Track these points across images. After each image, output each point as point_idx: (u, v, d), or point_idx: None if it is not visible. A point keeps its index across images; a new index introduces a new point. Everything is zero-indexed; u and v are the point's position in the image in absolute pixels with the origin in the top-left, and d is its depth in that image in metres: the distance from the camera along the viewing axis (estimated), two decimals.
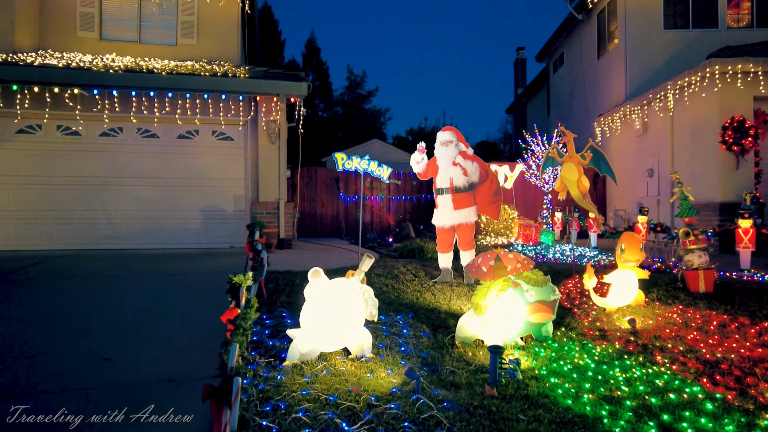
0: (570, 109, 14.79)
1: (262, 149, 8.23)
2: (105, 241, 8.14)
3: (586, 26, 13.36)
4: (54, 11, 10.02)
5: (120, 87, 7.49)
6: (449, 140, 5.90)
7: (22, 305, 4.26)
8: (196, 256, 7.24)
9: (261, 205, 8.16)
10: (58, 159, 8.07)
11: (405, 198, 13.31)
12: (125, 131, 8.26)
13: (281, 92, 7.94)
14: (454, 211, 5.83)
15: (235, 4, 10.74)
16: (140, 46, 10.33)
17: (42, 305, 4.26)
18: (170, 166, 8.39)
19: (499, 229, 10.70)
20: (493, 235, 10.71)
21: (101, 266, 6.25)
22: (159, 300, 4.59)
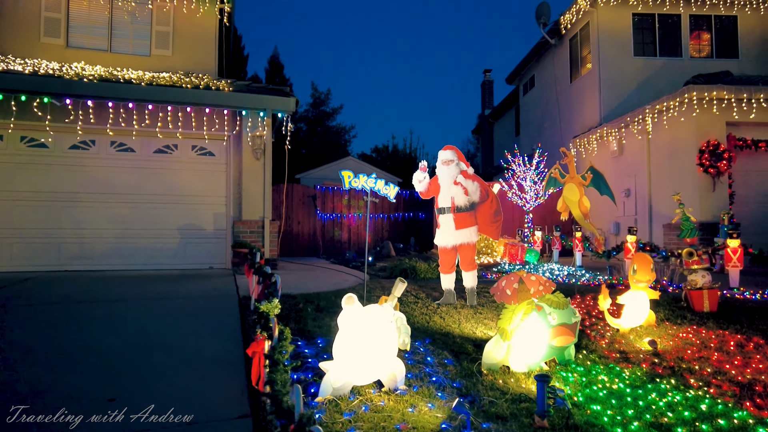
0: (541, 130, 15.14)
1: (247, 165, 7.89)
2: (73, 261, 7.53)
3: (559, 51, 13.78)
4: (14, 15, 9.41)
5: (95, 97, 7.01)
6: (450, 159, 5.81)
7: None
8: (177, 278, 6.79)
9: (245, 224, 7.79)
10: (22, 173, 7.45)
11: (383, 216, 13.16)
12: (98, 144, 7.73)
13: (268, 107, 7.67)
14: (455, 231, 5.73)
15: (213, 16, 10.44)
16: (111, 55, 9.82)
17: (22, 338, 3.79)
18: (146, 182, 7.91)
19: (481, 247, 10.68)
20: (479, 254, 10.68)
21: (77, 290, 5.73)
22: (149, 329, 4.19)
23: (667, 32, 11.75)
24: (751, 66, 11.66)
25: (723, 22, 11.89)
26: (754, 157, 8.84)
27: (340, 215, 12.72)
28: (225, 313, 4.76)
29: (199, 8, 10.26)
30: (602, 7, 11.55)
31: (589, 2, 11.62)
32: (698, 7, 11.63)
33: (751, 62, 11.71)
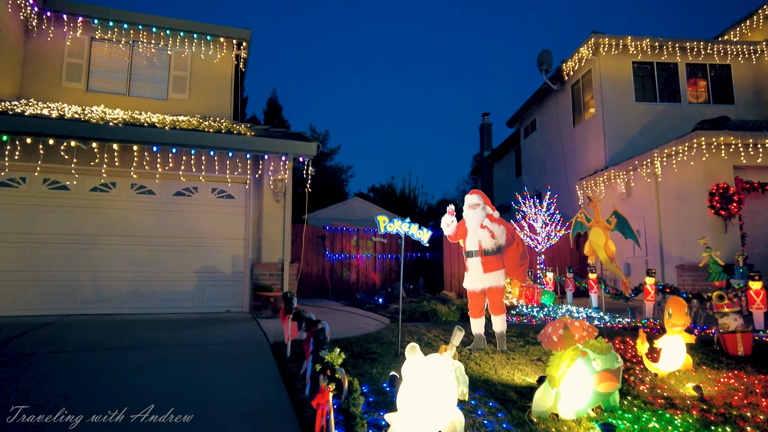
0: (544, 172, 15.43)
1: (267, 208, 7.94)
2: (88, 305, 7.42)
3: (561, 96, 14.23)
4: (39, 61, 9.62)
5: (121, 140, 7.10)
6: (476, 203, 5.90)
7: (36, 388, 3.70)
8: (199, 323, 6.69)
9: (264, 266, 7.76)
10: (42, 215, 7.43)
11: (390, 256, 13.15)
12: (119, 186, 7.77)
13: (290, 151, 7.79)
14: (483, 275, 5.75)
15: (229, 62, 10.73)
16: (129, 98, 10.02)
17: (60, 388, 3.70)
18: (165, 225, 7.90)
19: None
20: None
21: (102, 336, 5.62)
22: (188, 377, 4.10)
23: (666, 79, 12.22)
24: (746, 111, 12.11)
25: (717, 70, 12.42)
26: (761, 199, 9.06)
27: (348, 256, 12.71)
28: (261, 361, 4.68)
29: (217, 54, 10.56)
30: (603, 56, 12.04)
31: (591, 51, 12.11)
32: (694, 56, 12.15)
33: (746, 108, 12.16)
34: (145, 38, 10.20)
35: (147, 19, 10.18)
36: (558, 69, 13.70)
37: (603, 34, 12.00)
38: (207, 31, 10.49)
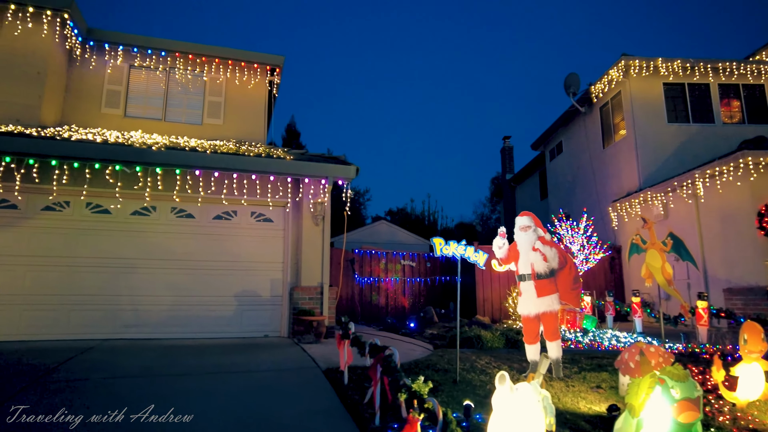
0: (572, 195, 15.26)
1: (306, 231, 7.88)
2: (128, 329, 7.35)
3: (589, 118, 14.16)
4: (80, 89, 9.84)
5: (165, 164, 7.14)
6: (527, 225, 5.78)
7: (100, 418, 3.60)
8: (242, 348, 6.58)
9: (303, 290, 7.66)
10: (84, 238, 7.45)
11: (420, 280, 12.98)
12: (159, 210, 7.79)
13: (330, 175, 7.77)
14: (537, 299, 5.59)
15: (263, 87, 10.87)
16: (165, 123, 10.16)
17: (122, 420, 3.59)
18: (204, 248, 7.88)
19: None
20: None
21: (149, 362, 5.53)
22: (247, 409, 3.95)
23: (698, 100, 12.10)
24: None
25: (750, 90, 12.27)
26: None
27: (377, 279, 12.57)
28: (317, 389, 4.54)
29: (251, 80, 10.71)
30: (634, 77, 11.98)
31: (621, 73, 12.07)
32: (726, 76, 12.04)
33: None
34: (181, 65, 10.40)
35: (183, 47, 10.39)
36: (586, 91, 13.66)
37: (633, 57, 11.96)
38: (241, 58, 10.66)
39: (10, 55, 8.81)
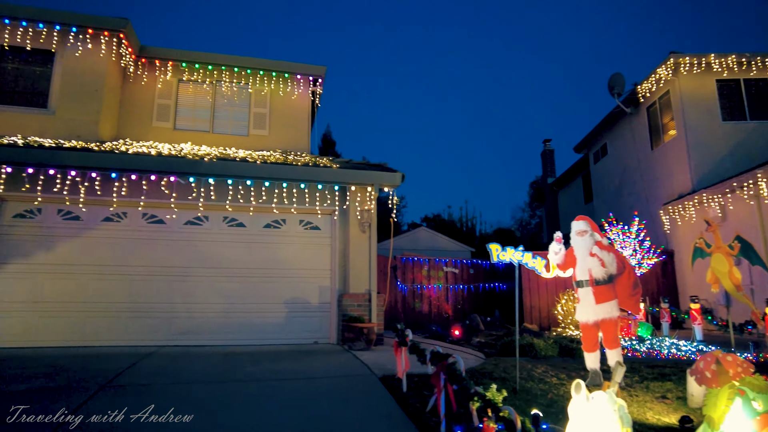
0: (619, 198, 14.81)
1: (353, 239, 7.93)
2: (182, 336, 7.56)
3: (635, 119, 13.74)
4: (132, 104, 10.25)
5: (217, 175, 7.35)
6: (584, 230, 5.63)
7: (168, 421, 3.69)
8: (295, 355, 6.64)
9: (352, 297, 7.69)
10: (140, 248, 7.72)
11: (463, 287, 12.83)
12: (211, 220, 8.00)
13: (376, 182, 7.80)
14: (596, 306, 5.43)
15: (306, 98, 11.04)
16: (213, 135, 10.45)
17: (203, 423, 3.67)
18: (254, 256, 8.03)
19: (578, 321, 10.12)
20: (573, 328, 10.12)
21: (208, 368, 5.66)
22: (310, 417, 3.97)
23: (756, 96, 11.55)
24: None
25: None
26: None
27: (420, 286, 12.50)
28: (376, 396, 4.53)
29: (294, 91, 10.91)
30: (684, 75, 11.57)
31: (670, 72, 11.67)
32: None
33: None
34: (227, 78, 10.70)
35: (229, 60, 10.70)
36: (631, 92, 13.27)
37: (682, 54, 11.55)
38: (285, 69, 10.89)
39: (72, 74, 9.28)
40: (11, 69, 9.39)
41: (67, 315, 7.33)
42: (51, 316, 7.28)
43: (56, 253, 7.48)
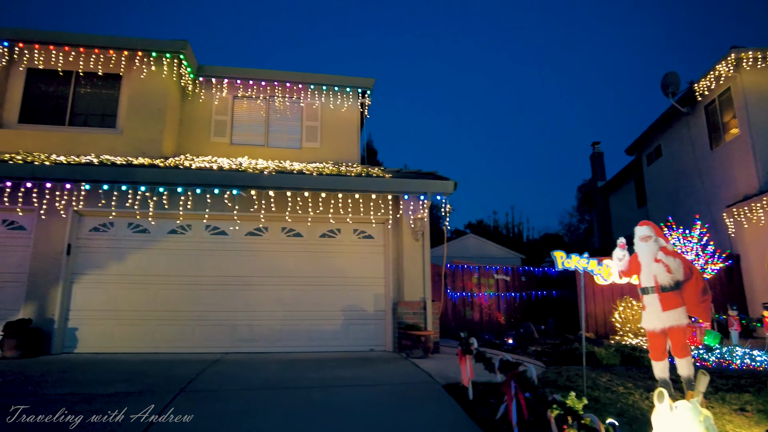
0: (675, 201, 14.24)
1: (407, 247, 8.02)
2: (244, 343, 7.84)
3: (691, 118, 13.23)
4: (191, 121, 10.77)
5: (276, 187, 7.62)
6: (648, 235, 5.48)
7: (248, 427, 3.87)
8: (354, 362, 6.78)
9: (407, 305, 7.77)
10: (204, 259, 8.10)
11: (515, 295, 12.66)
12: (270, 230, 8.29)
13: (429, 191, 7.88)
14: (662, 313, 5.25)
15: (355, 110, 11.28)
16: (267, 149, 10.82)
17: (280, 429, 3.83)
18: (311, 265, 8.26)
19: (638, 329, 9.82)
20: (632, 336, 9.80)
21: (273, 374, 5.87)
22: (382, 424, 4.08)
23: None
24: None
25: None
26: None
27: (470, 294, 12.42)
28: (440, 403, 4.58)
29: (344, 104, 11.16)
30: (747, 70, 11.06)
31: (731, 68, 11.19)
32: None
33: None
34: (279, 93, 11.08)
35: (281, 76, 11.07)
36: (687, 90, 12.77)
37: (745, 48, 11.05)
38: (334, 83, 11.17)
39: (137, 96, 9.87)
40: (83, 93, 10.08)
41: (139, 323, 7.76)
42: (124, 324, 7.73)
43: (127, 264, 7.95)
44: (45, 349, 7.26)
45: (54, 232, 7.67)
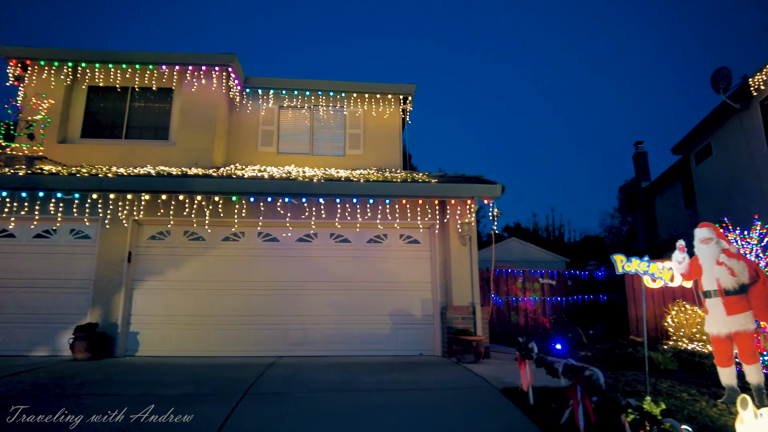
0: (728, 201, 13.72)
1: (454, 251, 8.05)
2: (297, 347, 8.04)
3: (745, 115, 12.73)
4: (239, 131, 11.11)
5: (327, 195, 7.80)
6: (709, 237, 5.35)
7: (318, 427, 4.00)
8: (407, 366, 6.85)
9: (456, 310, 7.79)
10: (257, 264, 8.35)
11: (561, 299, 12.47)
12: (319, 236, 8.48)
13: (476, 195, 7.90)
14: (727, 317, 5.12)
15: (397, 116, 11.39)
16: (312, 157, 11.05)
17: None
18: (359, 270, 8.40)
19: (692, 333, 9.50)
20: (686, 341, 9.50)
21: (333, 378, 6.00)
22: (440, 424, 4.14)
23: None
24: None
25: None
26: None
27: (515, 298, 12.31)
28: (500, 408, 4.59)
29: (386, 111, 11.30)
30: None
31: None
32: None
33: None
34: (323, 102, 11.32)
35: (325, 85, 11.31)
36: (741, 85, 12.30)
37: None
38: (376, 90, 11.33)
39: (188, 108, 10.28)
40: (138, 107, 10.58)
41: (195, 327, 8.07)
42: (181, 328, 8.05)
43: (183, 270, 8.28)
44: (109, 352, 7.64)
45: (116, 241, 8.07)
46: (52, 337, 7.81)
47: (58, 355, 7.67)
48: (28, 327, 7.85)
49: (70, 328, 7.62)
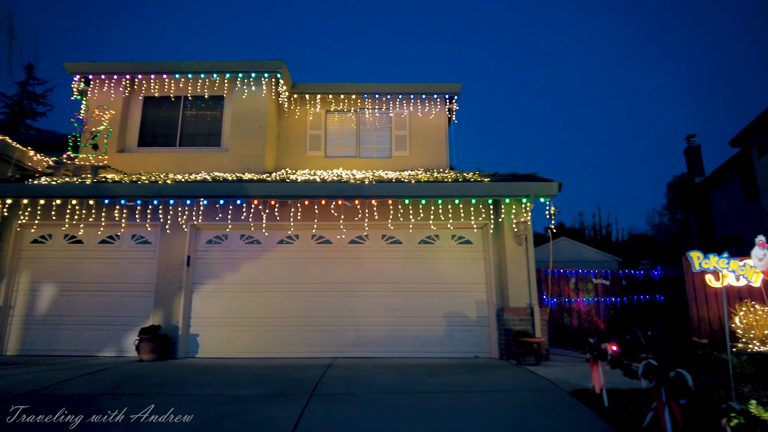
0: None
1: (509, 252, 7.91)
2: (351, 348, 8.07)
3: None
4: (288, 137, 11.29)
5: (378, 196, 7.80)
6: None
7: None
8: (467, 368, 6.77)
9: (513, 311, 7.64)
10: (311, 267, 8.45)
11: (615, 300, 12.05)
12: (371, 238, 8.51)
13: (531, 193, 7.73)
14: None
15: (443, 117, 11.32)
16: (359, 160, 11.11)
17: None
18: (411, 271, 8.37)
19: (764, 335, 9.00)
20: (757, 343, 9.00)
21: (392, 379, 5.99)
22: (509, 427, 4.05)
23: None
24: None
25: None
26: None
27: (567, 300, 11.98)
28: (573, 410, 4.47)
29: (432, 111, 11.25)
30: None
31: None
32: None
33: None
34: (369, 105, 11.37)
35: (370, 88, 11.35)
36: None
37: None
38: (421, 91, 11.29)
39: (239, 114, 10.52)
40: (190, 115, 10.91)
41: (252, 329, 8.22)
42: (239, 330, 8.22)
43: (240, 273, 8.46)
44: (171, 353, 7.88)
45: (175, 245, 8.33)
46: (118, 338, 8.13)
47: (124, 356, 7.98)
48: (95, 329, 8.21)
49: (134, 330, 7.93)
